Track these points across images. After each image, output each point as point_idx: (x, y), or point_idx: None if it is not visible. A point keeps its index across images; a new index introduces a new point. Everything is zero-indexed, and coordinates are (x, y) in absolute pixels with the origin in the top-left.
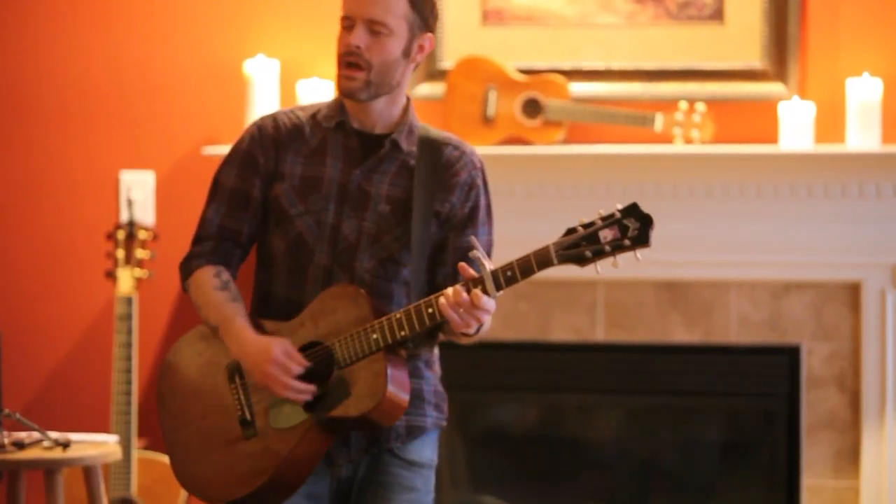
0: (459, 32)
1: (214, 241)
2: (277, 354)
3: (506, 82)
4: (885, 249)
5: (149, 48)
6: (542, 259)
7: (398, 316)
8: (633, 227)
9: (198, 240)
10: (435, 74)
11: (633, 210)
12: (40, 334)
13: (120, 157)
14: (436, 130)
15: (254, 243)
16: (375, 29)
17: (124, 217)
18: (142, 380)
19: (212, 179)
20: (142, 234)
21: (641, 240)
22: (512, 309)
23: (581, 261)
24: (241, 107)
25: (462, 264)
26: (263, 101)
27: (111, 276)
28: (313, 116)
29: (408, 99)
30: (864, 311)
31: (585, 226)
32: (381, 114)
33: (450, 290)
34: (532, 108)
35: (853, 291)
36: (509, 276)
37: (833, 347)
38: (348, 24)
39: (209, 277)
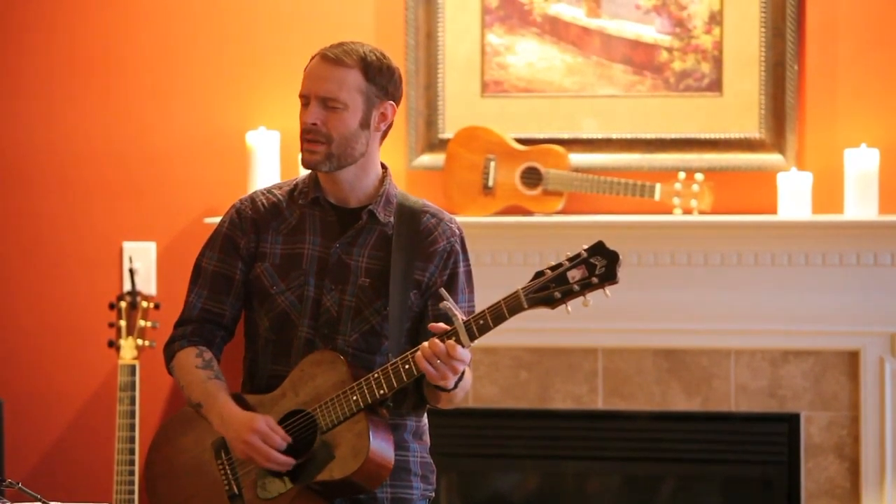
0: (459, 103)
1: (196, 324)
2: (258, 428)
3: (505, 152)
4: (883, 318)
5: (151, 120)
6: (512, 305)
7: (376, 375)
8: (601, 264)
9: (180, 323)
10: (435, 144)
11: (599, 248)
12: (43, 403)
13: (122, 228)
14: (413, 198)
15: (237, 325)
16: (330, 105)
17: (127, 287)
18: (144, 449)
19: (193, 265)
20: (144, 304)
21: (609, 276)
22: (512, 377)
23: (551, 302)
24: (243, 178)
25: (432, 324)
26: (264, 172)
27: (114, 345)
28: (290, 194)
29: (384, 168)
30: (862, 379)
31: (553, 268)
32: (353, 185)
33: (425, 344)
34: (532, 177)
35: (852, 360)
36: (482, 324)
37: (832, 416)
38: (305, 101)
39: (191, 357)
